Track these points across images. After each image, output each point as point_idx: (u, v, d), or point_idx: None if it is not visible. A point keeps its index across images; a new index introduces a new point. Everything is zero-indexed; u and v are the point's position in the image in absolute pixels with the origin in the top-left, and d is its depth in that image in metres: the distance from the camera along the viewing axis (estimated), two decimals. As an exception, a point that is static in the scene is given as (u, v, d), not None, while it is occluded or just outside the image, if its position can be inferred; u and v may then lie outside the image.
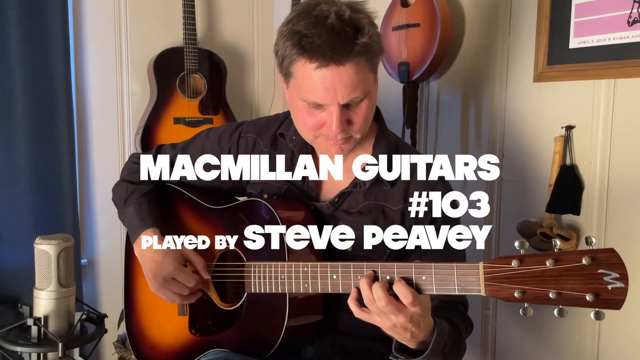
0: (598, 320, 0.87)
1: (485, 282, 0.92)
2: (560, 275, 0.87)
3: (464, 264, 0.96)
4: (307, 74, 1.09)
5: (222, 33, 2.57)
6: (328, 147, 1.18)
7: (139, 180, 1.41)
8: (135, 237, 1.32)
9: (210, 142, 1.40)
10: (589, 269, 0.85)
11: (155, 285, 1.26)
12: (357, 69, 1.08)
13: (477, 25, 1.74)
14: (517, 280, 0.90)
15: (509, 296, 0.91)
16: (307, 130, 1.17)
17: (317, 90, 1.09)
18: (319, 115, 1.13)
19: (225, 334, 1.26)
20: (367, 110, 1.14)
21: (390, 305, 0.98)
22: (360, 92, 1.10)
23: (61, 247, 1.06)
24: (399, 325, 1.00)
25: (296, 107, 1.17)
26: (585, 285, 0.85)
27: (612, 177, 1.40)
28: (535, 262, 0.89)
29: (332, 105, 1.10)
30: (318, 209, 1.27)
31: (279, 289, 1.16)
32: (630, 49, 1.30)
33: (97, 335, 0.97)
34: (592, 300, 0.85)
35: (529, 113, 1.59)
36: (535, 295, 0.89)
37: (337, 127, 1.11)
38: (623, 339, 1.42)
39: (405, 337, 1.03)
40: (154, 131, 2.32)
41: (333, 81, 1.07)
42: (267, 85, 2.66)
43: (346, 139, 1.15)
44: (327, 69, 1.06)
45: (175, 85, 2.35)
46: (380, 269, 1.04)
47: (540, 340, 1.62)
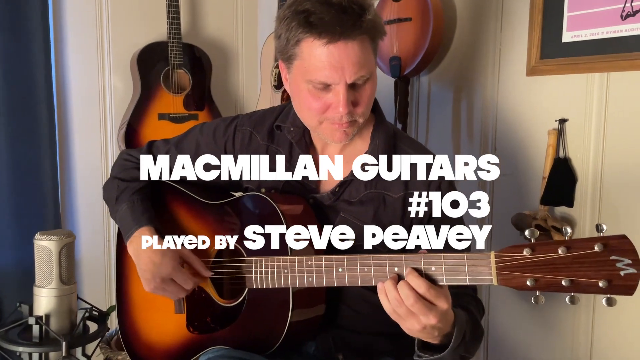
0: (610, 306, 0.87)
1: (497, 271, 0.92)
2: (572, 262, 0.87)
3: (474, 254, 0.95)
4: (314, 52, 1.08)
5: (206, 27, 2.53)
6: (333, 132, 1.16)
7: (131, 177, 1.37)
8: (128, 236, 1.28)
9: (205, 137, 1.38)
10: (601, 256, 0.86)
11: (151, 285, 1.23)
12: (363, 47, 1.09)
13: (468, 20, 1.75)
14: (529, 268, 0.90)
15: (521, 285, 0.91)
16: (312, 115, 1.16)
17: (325, 69, 1.08)
18: (324, 97, 1.12)
19: (225, 330, 1.23)
20: (371, 92, 1.15)
21: (419, 303, 0.95)
22: (367, 71, 1.11)
23: (63, 242, 1.02)
24: (428, 327, 0.98)
25: (300, 92, 1.15)
26: (597, 272, 0.86)
27: (605, 170, 1.42)
28: (547, 250, 0.89)
29: (339, 84, 1.09)
30: (318, 201, 1.25)
31: (282, 283, 1.15)
32: (623, 42, 1.33)
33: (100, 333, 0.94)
34: (604, 286, 0.85)
35: (522, 107, 1.60)
36: (548, 283, 0.89)
37: (345, 107, 1.10)
38: (616, 330, 1.44)
39: (432, 336, 1.01)
40: (137, 127, 2.27)
41: (341, 59, 1.07)
42: (252, 81, 2.64)
43: (350, 122, 1.14)
44: (336, 45, 1.06)
45: (160, 81, 2.30)
46: (388, 261, 1.03)
47: (534, 331, 1.64)
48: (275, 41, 1.18)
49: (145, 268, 1.23)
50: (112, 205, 1.36)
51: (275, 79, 2.26)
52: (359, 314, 1.26)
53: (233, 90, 2.64)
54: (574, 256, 0.87)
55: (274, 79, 2.26)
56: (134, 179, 1.37)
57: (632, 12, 1.30)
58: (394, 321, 1.29)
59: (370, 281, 1.05)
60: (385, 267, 1.03)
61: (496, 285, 0.93)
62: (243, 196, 1.28)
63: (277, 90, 2.24)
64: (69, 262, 1.02)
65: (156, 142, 1.44)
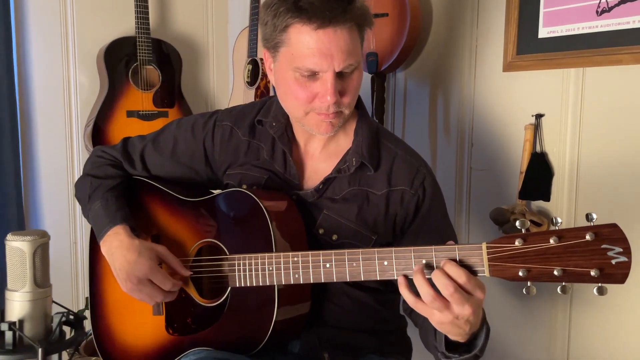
0: (601, 295, 0.88)
1: (489, 262, 0.92)
2: (564, 252, 0.88)
3: (466, 245, 0.95)
4: (302, 38, 1.06)
5: (175, 23, 2.48)
6: (318, 123, 1.14)
7: (105, 174, 1.32)
8: (102, 235, 1.23)
9: (183, 133, 1.34)
10: (593, 245, 0.86)
11: (128, 285, 1.18)
12: (351, 35, 1.08)
13: (444, 16, 1.76)
14: (521, 259, 0.90)
15: (514, 275, 0.91)
16: (298, 105, 1.13)
17: (314, 56, 1.06)
18: (311, 86, 1.10)
19: (207, 331, 1.20)
20: (357, 81, 1.14)
21: (458, 293, 0.89)
22: (355, 60, 1.09)
23: (37, 243, 0.96)
24: (461, 317, 0.92)
25: (286, 81, 1.13)
26: (589, 261, 0.87)
27: (581, 164, 1.45)
28: (539, 240, 0.89)
29: (328, 72, 1.07)
30: (301, 198, 1.23)
31: (267, 281, 1.12)
32: (599, 38, 1.35)
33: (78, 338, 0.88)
34: (596, 275, 0.86)
35: (498, 102, 1.62)
36: (540, 273, 0.89)
37: (332, 96, 1.08)
38: (593, 323, 1.47)
39: (463, 331, 0.95)
40: (105, 125, 2.20)
41: (330, 46, 1.05)
42: (223, 77, 2.59)
43: (336, 113, 1.12)
44: (325, 31, 1.05)
45: (128, 77, 2.23)
46: (377, 255, 1.01)
47: (512, 326, 1.65)
48: (261, 29, 1.15)
49: (120, 267, 1.18)
50: (84, 203, 1.30)
51: (248, 76, 2.22)
52: (343, 311, 1.25)
53: (204, 87, 2.58)
54: (565, 246, 0.88)
55: (247, 75, 2.22)
56: (107, 176, 1.32)
57: (608, 8, 1.33)
58: (377, 317, 1.29)
59: (359, 276, 1.03)
60: (374, 261, 1.01)
61: (488, 276, 0.93)
62: (224, 192, 1.25)
63: (250, 87, 2.21)
64: (44, 263, 0.96)
65: (131, 139, 1.39)
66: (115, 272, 1.20)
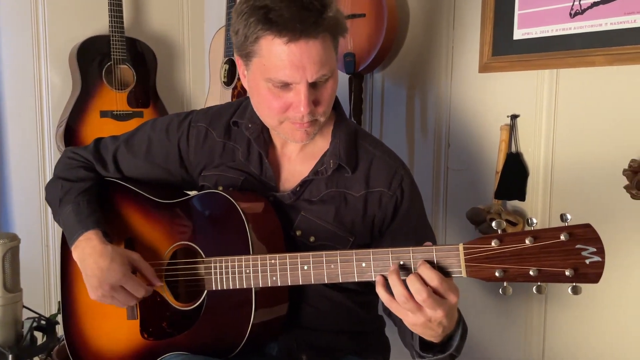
0: (575, 294, 0.89)
1: (466, 263, 0.92)
2: (539, 252, 0.88)
3: (443, 246, 0.95)
4: (274, 50, 1.04)
5: (150, 21, 2.44)
6: (293, 131, 1.13)
7: (76, 177, 1.29)
8: (73, 240, 1.20)
9: (157, 133, 1.31)
10: (567, 245, 0.87)
11: (98, 293, 1.15)
12: (324, 46, 1.05)
13: (421, 17, 1.77)
14: (498, 259, 0.91)
15: (490, 276, 0.91)
16: (273, 115, 1.12)
17: (286, 68, 1.04)
18: (285, 96, 1.08)
19: (183, 335, 1.18)
20: (332, 90, 1.12)
21: (431, 298, 0.90)
22: (328, 70, 1.07)
23: (7, 247, 0.93)
24: (434, 320, 0.92)
25: (259, 91, 1.11)
26: (564, 261, 0.87)
27: (556, 164, 1.47)
28: (515, 241, 0.90)
29: (301, 83, 1.06)
30: (278, 200, 1.22)
31: (244, 283, 1.11)
32: (572, 40, 1.37)
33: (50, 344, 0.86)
34: (571, 275, 0.87)
35: (474, 103, 1.63)
36: (516, 274, 0.90)
37: (306, 107, 1.07)
38: (568, 323, 1.49)
39: (436, 333, 0.96)
40: (77, 125, 2.15)
41: (302, 58, 1.03)
42: (199, 77, 2.56)
43: (311, 122, 1.11)
44: (297, 44, 1.02)
45: (102, 76, 2.19)
46: (355, 257, 1.01)
47: (488, 326, 1.67)
48: (233, 37, 1.13)
49: (91, 274, 1.15)
50: (55, 207, 1.27)
51: (225, 76, 2.20)
52: (320, 312, 1.24)
53: (180, 87, 2.55)
54: (540, 246, 0.88)
55: (224, 75, 2.20)
56: (79, 178, 1.29)
57: (581, 11, 1.35)
58: (355, 319, 1.28)
59: (337, 278, 1.03)
60: (352, 263, 1.01)
61: (465, 277, 0.93)
62: (200, 194, 1.23)
63: (227, 87, 2.19)
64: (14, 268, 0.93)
65: (103, 140, 1.36)
66: (87, 278, 1.17)
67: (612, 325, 1.39)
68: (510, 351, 1.61)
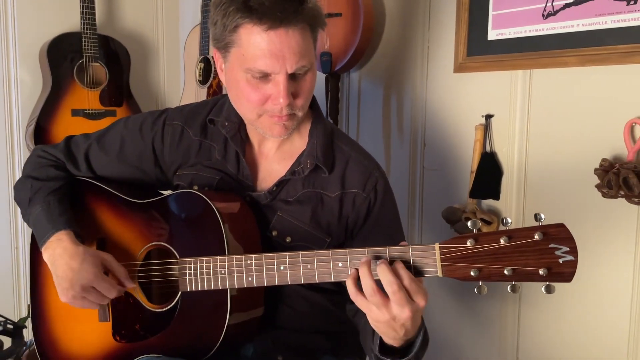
0: (549, 293, 0.90)
1: (442, 262, 0.92)
2: (514, 251, 0.89)
3: (419, 246, 0.95)
4: (253, 39, 1.03)
5: (123, 19, 2.39)
6: (271, 125, 1.12)
7: (46, 176, 1.26)
8: (44, 241, 1.17)
9: (131, 132, 1.29)
10: (541, 244, 0.88)
11: (69, 294, 1.13)
12: (304, 36, 1.06)
13: (397, 17, 1.77)
14: (473, 259, 0.91)
15: (465, 275, 0.91)
16: (251, 108, 1.11)
17: (265, 57, 1.03)
18: (263, 88, 1.07)
19: (156, 338, 1.16)
20: (310, 83, 1.12)
21: (402, 292, 0.89)
22: (307, 62, 1.07)
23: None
24: (398, 320, 0.92)
25: (238, 83, 1.10)
26: (538, 260, 0.88)
27: (529, 163, 1.49)
28: (489, 240, 0.90)
29: (280, 74, 1.05)
30: (254, 199, 1.21)
31: (219, 284, 1.09)
32: (545, 40, 1.39)
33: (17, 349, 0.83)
34: (544, 274, 0.88)
35: (449, 103, 1.64)
36: (491, 273, 0.90)
37: (285, 99, 1.06)
38: (541, 323, 1.51)
39: (397, 335, 0.95)
40: (48, 124, 2.10)
41: (282, 47, 1.03)
42: (174, 75, 2.53)
43: (290, 115, 1.10)
44: (276, 32, 1.02)
45: (73, 74, 2.14)
46: (332, 257, 1.00)
47: (463, 326, 1.68)
48: (211, 28, 1.12)
49: (62, 276, 1.12)
50: (24, 207, 1.24)
51: (200, 74, 2.17)
52: (297, 313, 1.23)
53: (154, 85, 2.51)
54: (515, 245, 0.89)
55: (199, 73, 2.17)
56: (50, 177, 1.26)
57: (553, 12, 1.37)
58: (332, 319, 1.28)
59: (313, 278, 1.02)
60: (329, 263, 1.00)
61: (441, 276, 0.93)
62: (174, 194, 1.21)
63: (202, 86, 2.16)
64: (-21, 271, 0.90)
65: (75, 138, 1.33)
66: (57, 280, 1.14)
67: (585, 323, 1.42)
68: (485, 351, 1.63)
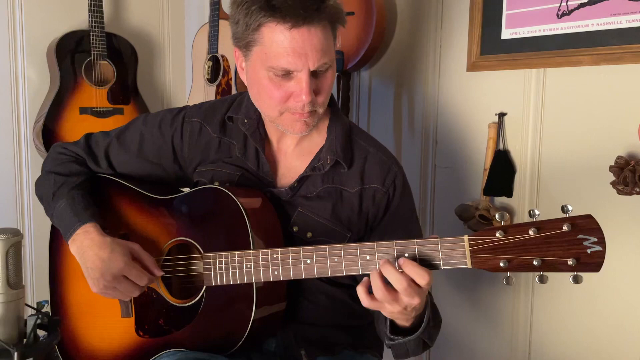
0: (577, 283, 0.92)
1: (471, 254, 0.94)
2: (542, 242, 0.91)
3: (447, 239, 0.96)
4: (276, 37, 1.05)
5: (129, 17, 2.39)
6: (293, 122, 1.13)
7: (69, 171, 1.26)
8: (70, 234, 1.17)
9: (150, 129, 1.29)
10: (569, 235, 0.90)
11: (100, 284, 1.13)
12: (325, 34, 1.07)
13: (409, 16, 1.79)
14: (502, 250, 0.93)
15: (495, 266, 0.93)
16: (273, 105, 1.12)
17: (288, 55, 1.05)
18: (285, 85, 1.09)
19: (181, 332, 1.16)
20: (331, 80, 1.14)
21: (410, 288, 0.94)
22: (329, 59, 1.09)
23: (10, 242, 0.90)
24: (410, 308, 0.97)
25: (260, 80, 1.11)
26: (566, 250, 0.90)
27: (542, 161, 1.51)
28: (518, 232, 0.92)
29: (302, 71, 1.06)
30: (275, 195, 1.22)
31: (245, 279, 1.10)
32: (559, 40, 1.41)
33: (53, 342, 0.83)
34: (573, 264, 0.90)
35: (462, 101, 1.66)
36: (520, 264, 0.92)
37: (307, 95, 1.07)
38: (554, 315, 1.53)
39: (409, 317, 1.02)
40: (56, 122, 2.09)
41: (304, 45, 1.04)
42: (179, 73, 2.53)
43: (311, 112, 1.12)
44: (299, 30, 1.03)
45: (81, 72, 2.14)
46: (359, 249, 1.01)
47: (475, 318, 1.70)
48: (232, 27, 1.13)
49: (92, 266, 1.12)
50: (47, 202, 1.24)
51: (208, 72, 2.18)
52: (317, 307, 1.24)
53: (160, 83, 2.51)
54: (544, 237, 0.91)
55: (208, 72, 2.18)
56: (72, 173, 1.26)
57: (568, 11, 1.39)
58: (351, 313, 1.29)
59: (341, 271, 1.03)
60: (356, 256, 1.02)
61: (470, 268, 0.95)
62: (197, 189, 1.21)
63: (210, 84, 2.16)
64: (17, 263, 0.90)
65: (94, 135, 1.33)
66: (87, 271, 1.14)
67: (600, 320, 1.43)
68: (496, 346, 1.64)
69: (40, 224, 1.15)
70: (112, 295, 1.15)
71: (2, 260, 0.85)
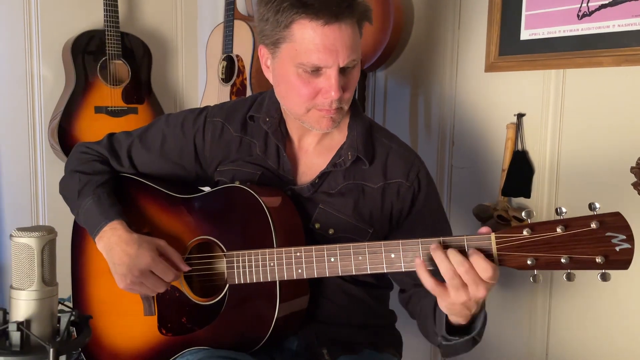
0: (605, 281, 0.91)
1: (498, 252, 0.94)
2: (570, 240, 0.91)
3: (474, 236, 0.96)
4: (307, 34, 1.05)
5: (143, 17, 2.40)
6: (319, 119, 1.14)
7: (93, 170, 1.27)
8: (97, 231, 1.18)
9: (172, 129, 1.30)
10: (597, 233, 0.90)
11: (127, 280, 1.13)
12: (354, 30, 1.08)
13: (425, 17, 1.79)
14: (529, 248, 0.92)
15: (522, 264, 0.93)
16: (301, 102, 1.12)
17: (319, 51, 1.06)
18: (314, 82, 1.09)
19: (204, 330, 1.16)
20: (357, 77, 1.15)
21: (471, 272, 0.91)
22: (357, 55, 1.10)
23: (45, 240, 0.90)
24: (473, 299, 0.94)
25: (288, 77, 1.11)
26: (594, 248, 0.90)
27: (561, 162, 1.51)
28: (546, 229, 0.92)
29: (332, 67, 1.07)
30: (296, 193, 1.22)
31: (269, 277, 1.10)
32: (579, 40, 1.41)
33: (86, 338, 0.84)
34: (602, 262, 0.89)
35: (480, 102, 1.66)
36: (547, 262, 0.92)
37: (337, 92, 1.08)
38: (572, 311, 1.52)
39: (467, 313, 0.99)
40: (71, 121, 2.10)
41: (335, 42, 1.05)
42: (192, 73, 2.54)
43: (337, 109, 1.12)
44: (331, 27, 1.05)
45: (96, 72, 2.15)
46: (384, 248, 1.02)
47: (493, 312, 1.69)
48: (260, 25, 1.13)
49: (119, 262, 1.13)
50: (73, 200, 1.25)
51: (223, 72, 2.18)
52: (338, 306, 1.24)
53: (173, 83, 2.52)
54: (571, 234, 0.91)
55: (222, 72, 2.19)
56: (96, 172, 1.27)
57: (588, 12, 1.39)
58: (371, 312, 1.29)
59: (365, 269, 1.03)
60: (381, 254, 1.02)
61: (497, 265, 0.95)
62: (219, 188, 1.22)
63: (225, 84, 2.17)
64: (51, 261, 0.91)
65: (116, 135, 1.34)
66: (114, 267, 1.15)
67: (619, 322, 1.43)
68: (514, 346, 1.64)
69: (56, 222, 1.15)
70: (137, 291, 1.16)
71: (38, 257, 0.86)
